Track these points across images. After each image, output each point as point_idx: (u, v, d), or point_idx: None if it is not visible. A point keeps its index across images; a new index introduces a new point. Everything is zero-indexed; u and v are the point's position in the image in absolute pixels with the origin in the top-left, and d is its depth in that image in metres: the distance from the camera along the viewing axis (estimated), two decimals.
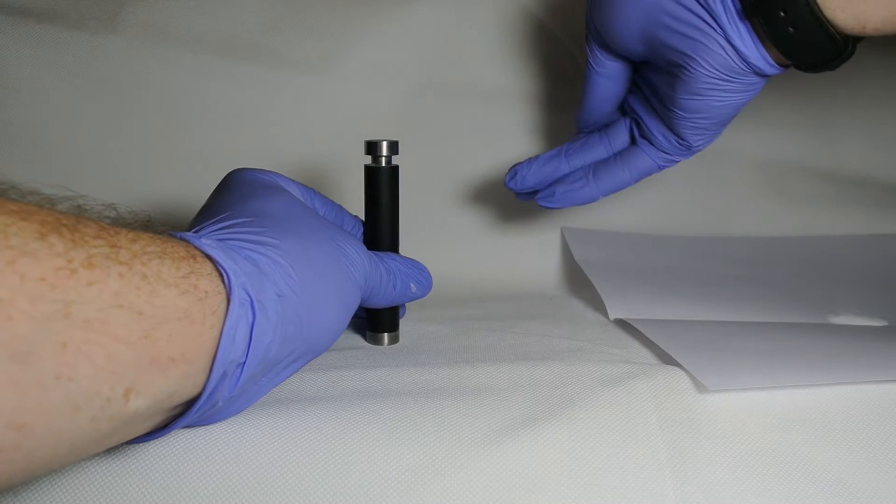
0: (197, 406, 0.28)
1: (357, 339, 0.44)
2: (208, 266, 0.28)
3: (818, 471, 0.30)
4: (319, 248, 0.33)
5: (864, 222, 0.63)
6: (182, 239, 0.29)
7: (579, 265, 0.55)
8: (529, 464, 0.30)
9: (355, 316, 0.45)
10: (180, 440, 0.30)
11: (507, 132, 0.60)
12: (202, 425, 0.31)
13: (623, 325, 0.46)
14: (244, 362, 0.28)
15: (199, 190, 0.55)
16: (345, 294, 0.34)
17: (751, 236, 0.63)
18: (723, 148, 0.63)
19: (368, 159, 0.43)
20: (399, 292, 0.40)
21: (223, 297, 0.28)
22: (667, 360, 0.39)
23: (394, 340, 0.43)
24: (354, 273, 0.35)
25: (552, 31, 0.59)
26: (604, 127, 0.51)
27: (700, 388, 0.35)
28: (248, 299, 0.28)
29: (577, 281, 0.57)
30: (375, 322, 0.43)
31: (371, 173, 0.42)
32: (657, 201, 0.63)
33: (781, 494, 0.29)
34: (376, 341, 0.43)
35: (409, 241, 0.48)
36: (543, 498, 0.29)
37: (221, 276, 0.28)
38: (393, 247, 0.42)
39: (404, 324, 0.45)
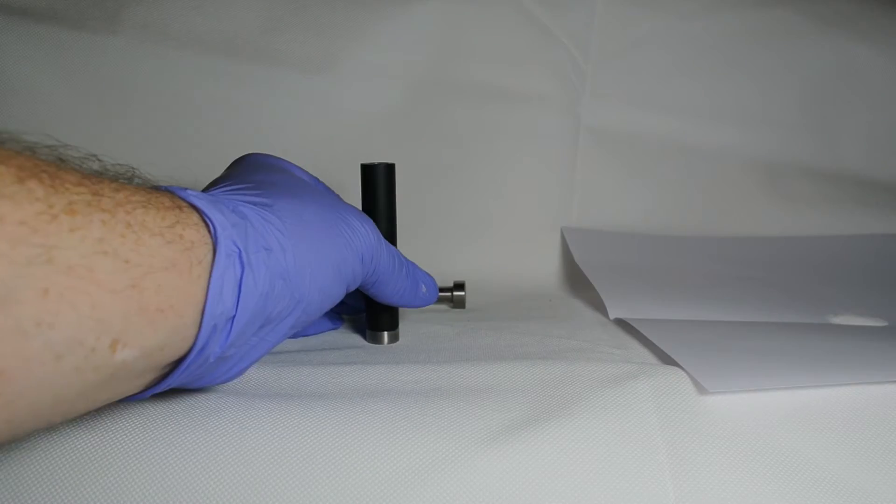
0: (188, 360, 0.27)
1: (357, 339, 0.44)
2: (194, 216, 0.28)
3: (818, 471, 0.30)
4: (315, 212, 0.33)
5: (864, 222, 0.64)
6: (167, 190, 0.29)
7: (579, 266, 0.55)
8: (529, 464, 0.30)
9: (355, 310, 0.45)
10: (180, 440, 0.30)
11: (507, 132, 0.60)
12: (197, 387, 0.30)
13: (623, 325, 0.46)
14: (234, 316, 0.28)
15: (199, 188, 0.55)
16: (342, 260, 0.34)
17: (751, 236, 0.63)
18: (723, 148, 0.63)
19: (366, 158, 0.43)
20: (409, 285, 0.40)
21: (209, 247, 0.27)
22: (667, 360, 0.39)
23: (394, 339, 0.43)
24: (356, 242, 0.35)
25: (552, 31, 0.59)
26: None
27: (700, 389, 0.35)
28: (236, 251, 0.28)
29: (577, 281, 0.57)
30: (375, 321, 0.43)
31: (367, 172, 0.42)
32: (657, 201, 0.63)
33: (781, 494, 0.29)
34: (376, 340, 0.43)
35: (408, 240, 0.48)
36: (543, 498, 0.29)
37: (208, 227, 0.28)
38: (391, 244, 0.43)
39: (404, 323, 0.45)
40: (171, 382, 0.28)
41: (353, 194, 0.45)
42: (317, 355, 0.40)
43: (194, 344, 0.27)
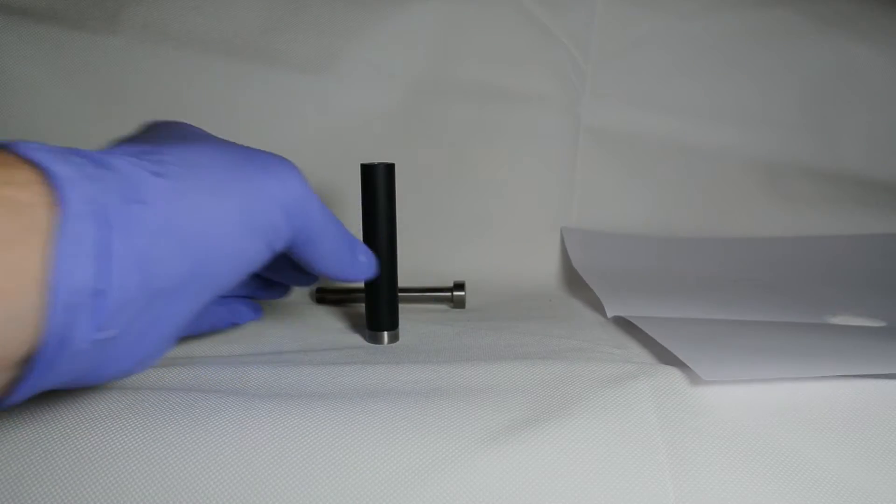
0: (44, 351, 0.22)
1: (357, 339, 0.44)
2: (28, 172, 0.22)
3: (818, 470, 0.30)
4: (214, 156, 0.28)
5: (864, 222, 0.64)
6: (2, 147, 0.23)
7: (576, 269, 0.55)
8: (529, 464, 0.30)
9: (305, 280, 0.41)
10: (180, 440, 0.30)
11: (507, 132, 0.60)
12: (91, 383, 0.26)
13: (623, 325, 0.46)
14: (104, 289, 0.23)
15: None
16: (255, 210, 0.28)
17: (750, 237, 0.63)
18: (723, 148, 0.63)
19: (366, 158, 0.43)
20: (345, 250, 0.34)
21: (51, 209, 0.22)
22: (667, 360, 0.39)
23: (394, 339, 0.43)
24: (275, 190, 0.29)
25: (552, 31, 0.59)
26: None
27: (695, 379, 0.35)
28: (91, 209, 0.23)
29: (577, 281, 0.57)
30: (375, 320, 0.43)
31: (367, 172, 0.42)
32: (657, 201, 0.63)
33: (781, 494, 0.29)
34: (376, 340, 0.43)
35: (408, 240, 0.48)
36: (543, 498, 0.29)
37: (51, 184, 0.22)
38: (391, 245, 0.43)
39: (404, 323, 0.45)
40: (35, 382, 0.23)
41: (353, 194, 0.45)
42: (317, 355, 0.40)
43: (47, 331, 0.22)
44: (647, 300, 0.49)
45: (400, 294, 0.44)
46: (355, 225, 0.45)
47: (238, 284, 0.31)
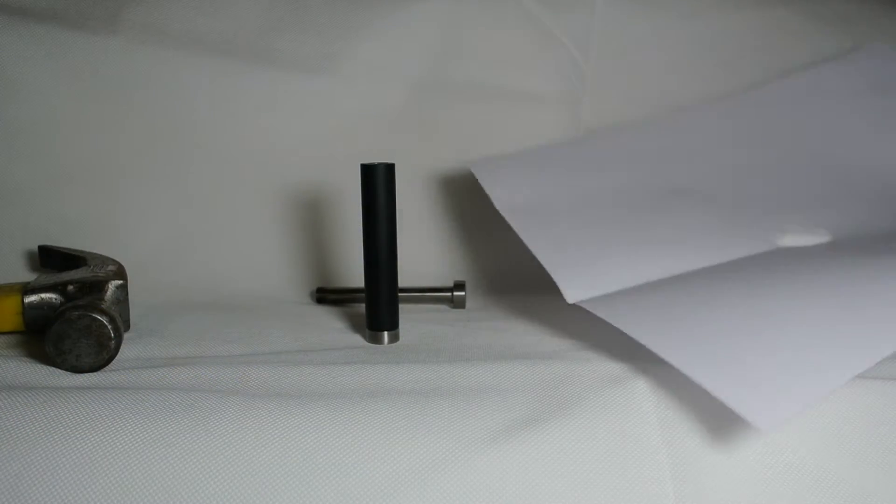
0: None
1: (357, 339, 0.44)
2: None
3: (818, 471, 0.30)
4: None
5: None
6: None
7: (503, 215, 0.51)
8: (529, 464, 0.30)
9: None
10: (180, 440, 0.30)
11: (507, 132, 0.60)
12: None
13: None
14: None
15: (199, 188, 0.55)
16: None
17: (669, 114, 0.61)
18: None
19: (366, 158, 0.43)
20: None
21: None
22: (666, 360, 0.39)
23: (394, 339, 0.43)
24: None
25: (552, 31, 0.59)
26: None
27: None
28: None
29: None
30: (375, 320, 0.43)
31: (367, 172, 0.42)
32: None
33: (781, 494, 0.29)
34: (376, 340, 0.43)
35: (408, 239, 0.48)
36: (543, 498, 0.29)
37: None
38: (391, 245, 0.43)
39: (404, 323, 0.45)
40: None
41: (353, 194, 0.45)
42: (317, 355, 0.40)
43: None
44: (597, 265, 0.47)
45: (400, 294, 0.44)
46: (355, 225, 0.45)
47: None
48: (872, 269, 0.41)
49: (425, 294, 0.52)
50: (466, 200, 0.60)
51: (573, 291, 0.45)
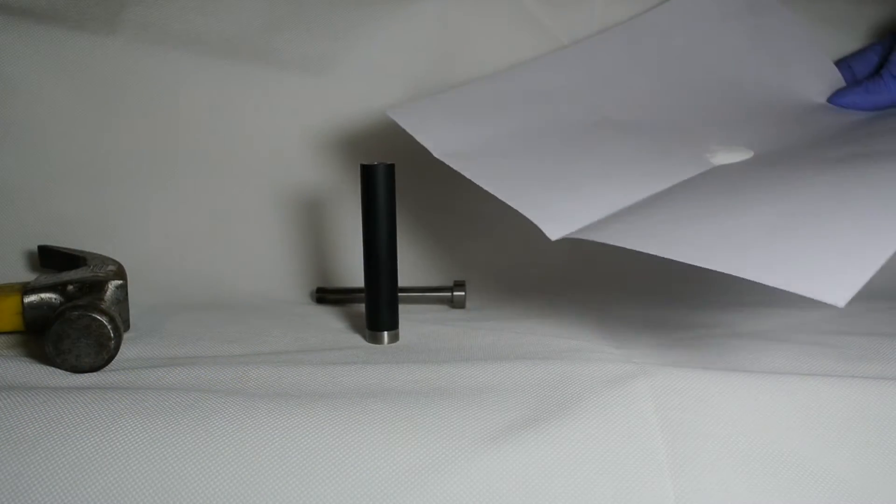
0: None
1: (357, 339, 0.44)
2: None
3: (818, 471, 0.30)
4: None
5: None
6: None
7: (446, 162, 0.48)
8: (529, 464, 0.30)
9: None
10: (180, 440, 0.30)
11: None
12: None
13: (623, 324, 0.46)
14: None
15: (199, 188, 0.55)
16: None
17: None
18: None
19: (366, 158, 0.43)
20: None
21: None
22: (667, 360, 0.39)
23: (394, 339, 0.43)
24: None
25: (552, 31, 0.59)
26: None
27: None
28: None
29: (577, 280, 0.57)
30: (375, 320, 0.43)
31: (367, 172, 0.42)
32: None
33: (781, 494, 0.29)
34: (376, 340, 0.43)
35: (408, 239, 0.48)
36: (543, 498, 0.29)
37: None
38: (391, 245, 0.43)
39: (404, 323, 0.45)
40: None
41: (353, 194, 0.45)
42: (317, 355, 0.40)
43: None
44: (560, 195, 0.46)
45: (400, 294, 0.44)
46: (355, 225, 0.45)
47: None
48: (830, 174, 0.43)
49: (425, 294, 0.52)
50: (466, 200, 0.60)
51: (553, 227, 0.44)
